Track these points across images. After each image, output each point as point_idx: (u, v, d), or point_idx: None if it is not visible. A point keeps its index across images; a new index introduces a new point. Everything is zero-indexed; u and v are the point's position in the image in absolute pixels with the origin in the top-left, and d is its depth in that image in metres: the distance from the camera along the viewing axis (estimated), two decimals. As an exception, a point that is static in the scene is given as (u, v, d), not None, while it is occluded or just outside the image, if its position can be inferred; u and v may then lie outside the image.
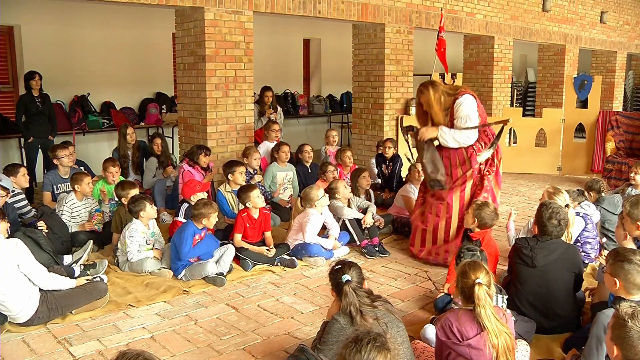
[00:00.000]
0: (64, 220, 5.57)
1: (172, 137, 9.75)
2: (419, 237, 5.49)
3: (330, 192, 5.96)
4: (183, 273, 4.91)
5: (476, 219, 4.48)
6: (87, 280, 4.47)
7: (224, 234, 5.65)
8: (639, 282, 3.07)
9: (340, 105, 12.97)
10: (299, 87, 12.61)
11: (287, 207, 6.92)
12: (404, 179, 7.42)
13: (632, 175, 6.26)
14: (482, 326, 2.83)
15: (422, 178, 6.46)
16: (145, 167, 7.40)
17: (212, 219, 4.94)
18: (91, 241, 5.29)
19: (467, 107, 5.12)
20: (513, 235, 5.16)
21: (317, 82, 13.22)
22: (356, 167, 7.38)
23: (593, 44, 14.35)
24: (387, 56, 9.13)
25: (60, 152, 6.39)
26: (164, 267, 5.04)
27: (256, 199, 5.43)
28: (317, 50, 13.05)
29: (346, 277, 3.05)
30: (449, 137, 5.14)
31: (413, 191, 6.56)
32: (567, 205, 4.60)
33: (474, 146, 5.25)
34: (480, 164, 5.27)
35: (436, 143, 5.27)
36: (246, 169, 6.60)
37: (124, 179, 6.42)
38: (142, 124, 9.79)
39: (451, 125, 5.18)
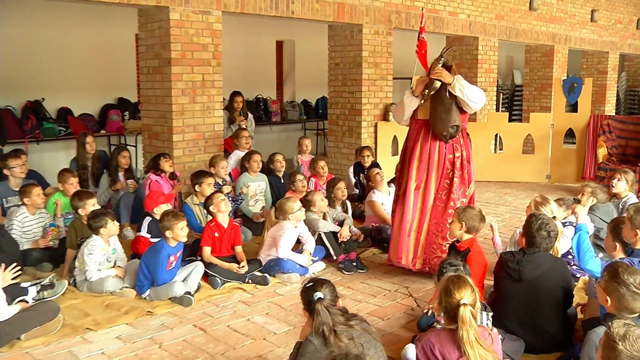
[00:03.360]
0: (14, 237, 5.46)
1: (136, 146, 9.64)
2: (412, 245, 5.40)
3: (306, 204, 5.96)
4: (147, 293, 4.85)
5: (463, 223, 4.50)
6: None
7: (191, 250, 5.59)
8: (631, 307, 3.08)
9: (316, 111, 13.00)
10: (271, 92, 12.61)
11: (260, 221, 6.91)
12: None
13: (614, 181, 6.31)
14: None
15: (385, 180, 6.74)
16: (99, 184, 7.28)
17: (178, 230, 4.86)
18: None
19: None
20: (501, 249, 5.18)
21: (291, 86, 13.23)
22: (332, 176, 7.41)
23: (583, 44, 14.49)
24: (365, 59, 9.18)
25: (12, 161, 6.26)
26: (126, 287, 4.96)
27: (219, 201, 5.42)
28: (290, 52, 13.07)
29: (318, 294, 3.04)
30: (466, 84, 5.19)
31: (377, 196, 6.65)
32: (554, 217, 4.65)
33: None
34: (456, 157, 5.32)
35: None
36: (215, 180, 6.56)
37: (82, 190, 6.33)
38: (103, 132, 9.67)
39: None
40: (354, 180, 8.14)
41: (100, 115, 9.92)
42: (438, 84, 5.19)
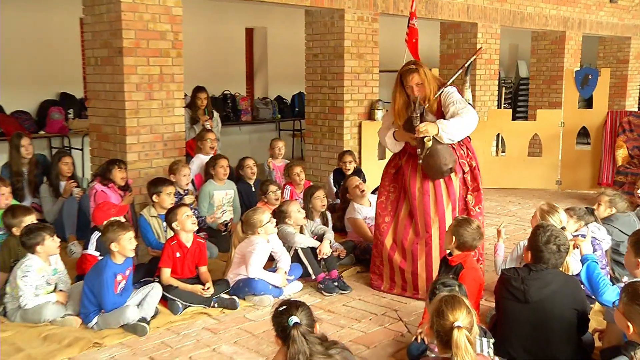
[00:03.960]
0: None
1: (82, 150, 9.58)
2: (398, 274, 5.60)
3: (280, 215, 5.97)
4: (95, 320, 4.81)
5: (454, 238, 4.56)
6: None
7: (147, 270, 5.58)
8: None
9: (292, 109, 13.03)
10: (240, 88, 12.62)
11: (226, 232, 6.93)
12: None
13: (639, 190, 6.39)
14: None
15: (366, 193, 6.83)
16: (40, 197, 7.22)
17: (125, 243, 4.82)
18: None
19: (457, 94, 5.39)
20: (501, 260, 5.24)
21: (263, 81, 13.26)
22: (310, 184, 7.44)
23: (600, 29, 14.42)
24: (348, 49, 9.24)
25: None
26: (69, 314, 4.92)
27: (184, 219, 5.40)
28: (262, 42, 13.10)
29: (293, 319, 3.04)
30: (452, 128, 5.18)
31: (359, 211, 6.71)
32: (563, 228, 4.70)
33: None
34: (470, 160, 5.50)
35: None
36: (175, 189, 6.55)
37: (17, 202, 6.27)
38: (42, 132, 9.60)
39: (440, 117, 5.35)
40: (334, 189, 8.15)
41: (38, 113, 9.84)
42: (430, 143, 5.19)
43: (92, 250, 5.53)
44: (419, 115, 5.21)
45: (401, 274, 5.56)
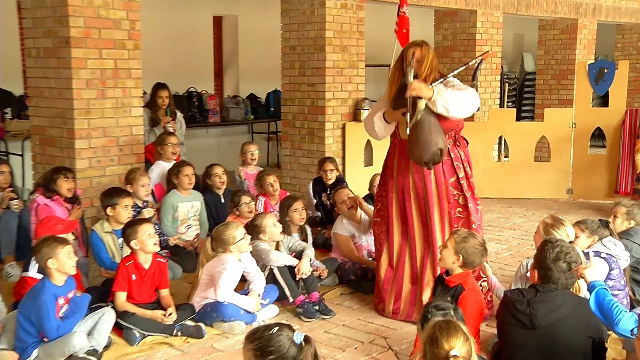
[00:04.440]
0: None
1: (22, 155, 9.48)
2: (392, 291, 5.63)
3: (254, 230, 5.97)
4: (35, 354, 4.75)
5: (460, 256, 4.58)
6: None
7: (99, 294, 5.54)
8: None
9: (266, 109, 13.04)
10: (207, 85, 12.61)
11: (192, 250, 6.91)
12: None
13: None
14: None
15: (353, 207, 6.78)
16: None
17: (64, 259, 4.75)
18: None
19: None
20: (501, 289, 5.23)
21: (234, 77, 13.27)
22: (287, 194, 7.43)
23: (618, 15, 14.37)
24: (329, 41, 9.26)
25: None
26: (4, 349, 4.85)
27: (146, 238, 5.37)
28: (232, 32, 13.10)
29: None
30: (449, 96, 5.18)
31: (346, 227, 6.71)
32: (570, 242, 4.72)
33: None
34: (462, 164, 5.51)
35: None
36: (133, 201, 6.51)
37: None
38: (-26, 136, 9.53)
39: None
40: (314, 201, 8.15)
41: (-31, 113, 9.77)
42: (423, 105, 5.15)
43: (33, 272, 5.44)
44: (412, 71, 5.20)
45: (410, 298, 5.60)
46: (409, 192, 5.53)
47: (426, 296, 5.40)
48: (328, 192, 7.98)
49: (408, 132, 5.23)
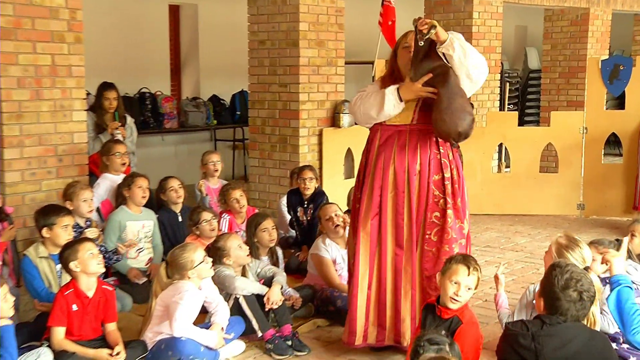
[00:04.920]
0: None
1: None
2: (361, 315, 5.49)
3: (216, 253, 5.95)
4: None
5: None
6: None
7: (32, 330, 5.48)
8: None
9: (231, 112, 13.05)
10: (163, 85, 12.60)
11: (143, 281, 6.86)
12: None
13: None
14: None
15: (339, 225, 6.74)
16: None
17: None
18: None
19: None
20: (507, 314, 5.25)
21: (193, 76, 13.28)
22: (255, 211, 7.43)
23: (637, 3, 14.38)
24: (304, 34, 9.27)
25: None
26: None
27: (88, 258, 5.32)
28: (191, 24, 13.10)
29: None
30: (468, 46, 5.21)
31: (328, 249, 6.67)
32: (586, 269, 4.71)
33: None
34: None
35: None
36: (74, 221, 6.46)
37: None
38: None
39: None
40: (288, 217, 8.14)
41: None
42: (434, 31, 5.10)
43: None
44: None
45: (377, 315, 5.49)
46: (386, 187, 5.43)
47: (405, 311, 5.37)
48: (305, 205, 7.98)
49: (422, 43, 5.19)
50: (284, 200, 8.32)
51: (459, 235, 5.38)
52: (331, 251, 6.71)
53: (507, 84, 14.27)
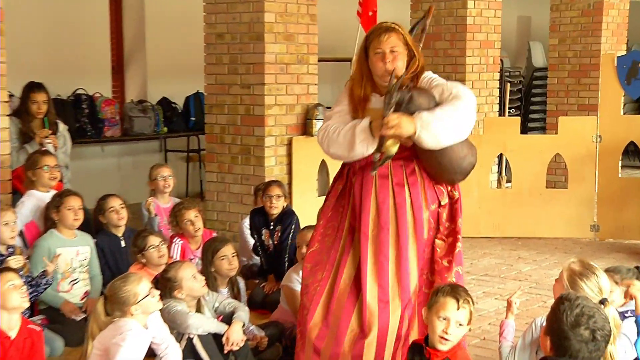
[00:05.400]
0: None
1: None
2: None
3: (166, 285, 5.95)
4: None
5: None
6: None
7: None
8: None
9: (185, 118, 13.08)
10: (103, 86, 12.59)
11: (80, 318, 6.82)
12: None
13: None
14: None
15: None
16: None
17: None
18: None
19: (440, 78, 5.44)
20: (509, 348, 5.26)
21: (139, 75, 13.29)
22: (213, 235, 7.43)
23: None
24: (270, 27, 9.27)
25: None
26: None
27: (8, 291, 5.29)
28: (136, 15, 13.12)
29: None
30: (439, 125, 5.08)
31: (298, 278, 6.55)
32: (603, 301, 4.72)
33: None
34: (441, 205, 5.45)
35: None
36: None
37: None
38: None
39: None
40: (251, 242, 8.12)
41: None
42: (395, 149, 5.12)
43: None
44: (397, 98, 5.09)
45: None
46: (367, 221, 5.40)
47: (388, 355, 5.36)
48: (271, 227, 7.96)
49: (374, 174, 5.24)
50: (247, 221, 8.28)
51: (456, 262, 5.42)
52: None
53: (508, 84, 14.28)
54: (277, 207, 7.97)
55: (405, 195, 5.36)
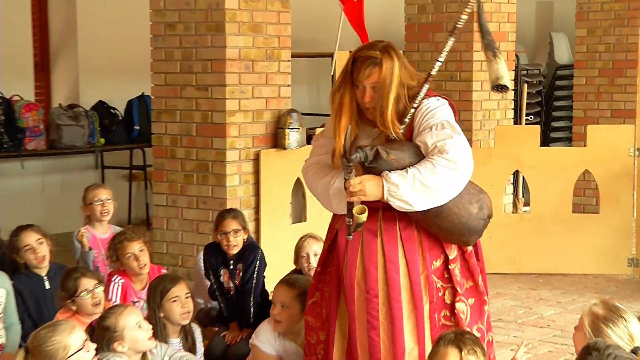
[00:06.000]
0: None
1: None
2: None
3: (103, 335, 5.92)
4: None
5: None
6: None
7: None
8: None
9: (126, 127, 13.08)
10: (23, 87, 12.61)
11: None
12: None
13: None
14: None
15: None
16: None
17: None
18: None
19: (447, 112, 5.39)
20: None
21: (69, 75, 13.34)
22: (162, 272, 7.44)
23: None
24: (232, 15, 9.29)
25: None
26: None
27: None
28: (65, 2, 13.10)
29: None
30: (409, 191, 5.12)
31: (273, 341, 6.64)
32: (636, 350, 4.75)
33: None
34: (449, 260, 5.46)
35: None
36: None
37: None
38: None
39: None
40: (208, 283, 8.10)
41: None
42: (364, 217, 5.17)
43: None
44: (357, 159, 5.15)
45: None
46: (351, 285, 5.44)
47: None
48: (231, 266, 7.94)
49: (350, 238, 5.28)
50: (201, 257, 8.24)
51: (488, 327, 5.57)
52: (276, 344, 6.70)
53: (525, 85, 14.32)
54: (235, 244, 7.91)
55: (398, 252, 5.39)
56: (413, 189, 5.10)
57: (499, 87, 5.55)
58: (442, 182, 5.13)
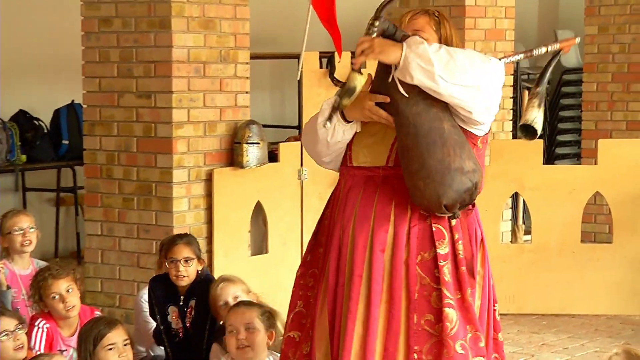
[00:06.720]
0: None
1: None
2: None
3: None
4: None
5: None
6: None
7: None
8: None
9: (53, 141, 13.06)
10: None
11: None
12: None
13: None
14: None
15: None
16: None
17: None
18: None
19: None
20: None
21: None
22: (95, 314, 7.40)
23: None
24: (180, 8, 9.30)
25: None
26: None
27: None
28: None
29: None
30: (436, 54, 5.12)
31: None
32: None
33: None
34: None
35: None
36: None
37: None
38: None
39: None
40: (153, 324, 8.09)
41: None
42: (362, 81, 5.23)
43: None
44: (381, 25, 5.21)
45: None
46: (343, 268, 5.43)
47: None
48: (181, 302, 7.92)
49: (327, 125, 5.30)
50: (144, 295, 8.26)
51: (473, 350, 5.43)
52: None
53: (526, 92, 14.32)
54: (186, 275, 7.91)
55: (385, 232, 5.37)
56: (437, 55, 5.12)
57: (528, 129, 5.67)
58: (469, 62, 5.19)
